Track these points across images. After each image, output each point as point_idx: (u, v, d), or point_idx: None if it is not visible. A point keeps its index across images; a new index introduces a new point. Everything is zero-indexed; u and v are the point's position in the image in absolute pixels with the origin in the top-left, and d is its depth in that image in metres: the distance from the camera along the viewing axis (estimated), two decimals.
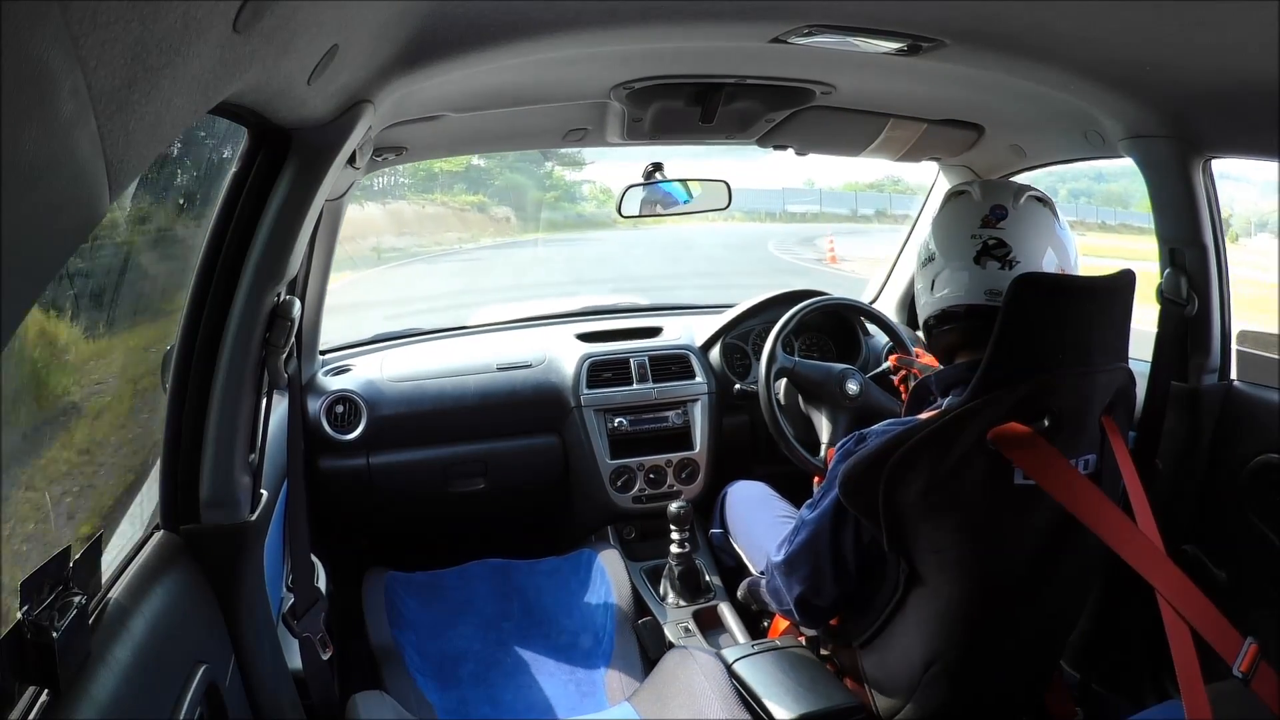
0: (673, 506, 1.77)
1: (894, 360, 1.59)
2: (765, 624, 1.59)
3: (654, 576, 1.86)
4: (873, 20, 1.00)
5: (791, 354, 1.83)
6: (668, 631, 1.71)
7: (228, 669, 0.96)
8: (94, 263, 0.90)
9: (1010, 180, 1.44)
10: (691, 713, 1.15)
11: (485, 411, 1.93)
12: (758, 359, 1.87)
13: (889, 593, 1.07)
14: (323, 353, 1.98)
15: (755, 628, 1.70)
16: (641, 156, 1.93)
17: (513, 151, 7.23)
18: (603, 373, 1.98)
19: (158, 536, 0.94)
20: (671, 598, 1.79)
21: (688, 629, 1.72)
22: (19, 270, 0.40)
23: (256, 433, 1.02)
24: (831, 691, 1.12)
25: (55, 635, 0.61)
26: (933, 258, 1.09)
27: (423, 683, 1.63)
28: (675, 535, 1.78)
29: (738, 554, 1.65)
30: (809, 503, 1.14)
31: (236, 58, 0.59)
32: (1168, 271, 1.32)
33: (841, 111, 1.58)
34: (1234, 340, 1.35)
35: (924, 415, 1.04)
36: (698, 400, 2.01)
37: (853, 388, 1.74)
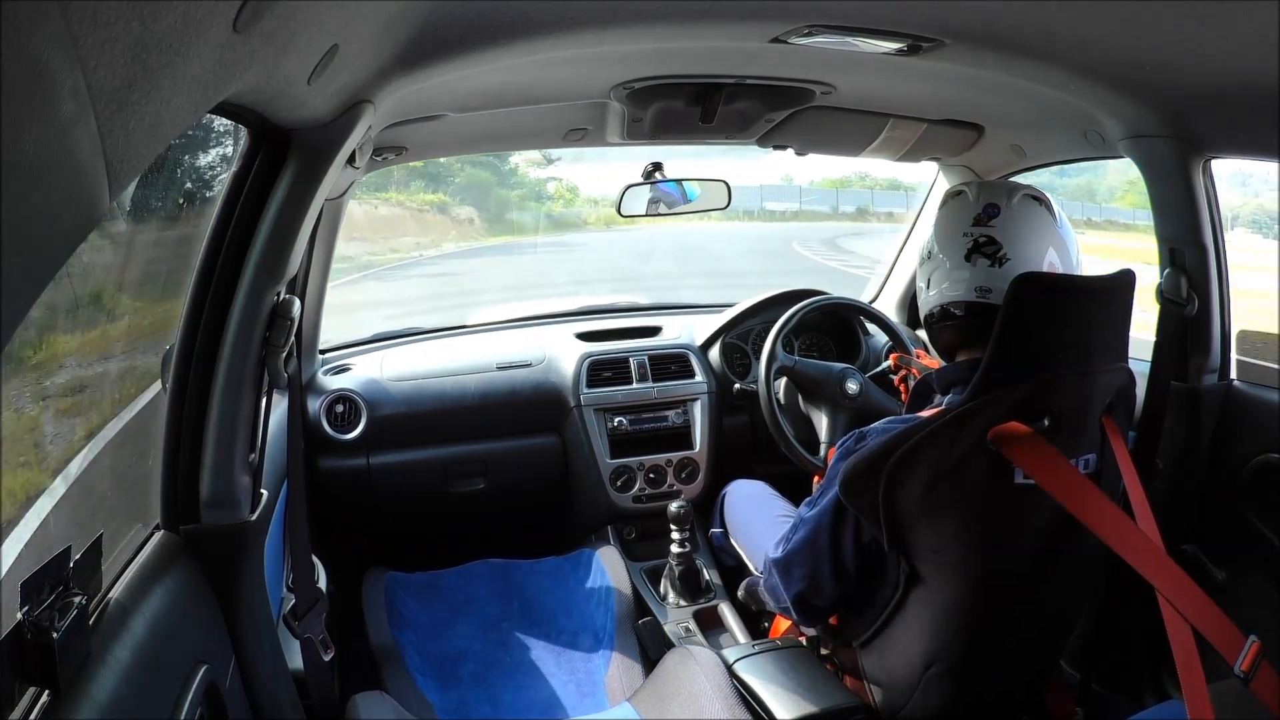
0: (673, 506, 1.77)
1: (894, 360, 1.59)
2: (765, 624, 1.59)
3: (654, 576, 1.86)
4: (872, 20, 1.01)
5: (791, 353, 1.83)
6: (668, 631, 1.71)
7: (228, 669, 0.96)
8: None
9: (1009, 180, 1.44)
10: (692, 713, 1.14)
11: (485, 411, 1.93)
12: (757, 358, 1.88)
13: (889, 592, 1.07)
14: (322, 352, 1.98)
15: (755, 628, 1.70)
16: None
17: (512, 152, 7.20)
18: (602, 372, 1.98)
19: (158, 536, 0.94)
20: (672, 597, 1.79)
21: (688, 629, 1.72)
22: (19, 270, 0.40)
23: (256, 432, 1.02)
24: (832, 691, 1.12)
25: (55, 635, 0.61)
26: (931, 255, 1.11)
27: (423, 683, 1.63)
28: (675, 535, 1.78)
29: (738, 553, 1.65)
30: (808, 501, 1.15)
31: (236, 58, 0.59)
32: (1167, 271, 1.32)
33: (841, 111, 1.58)
34: (1234, 341, 1.35)
35: (925, 413, 1.04)
36: (697, 399, 2.01)
37: (852, 387, 1.74)
